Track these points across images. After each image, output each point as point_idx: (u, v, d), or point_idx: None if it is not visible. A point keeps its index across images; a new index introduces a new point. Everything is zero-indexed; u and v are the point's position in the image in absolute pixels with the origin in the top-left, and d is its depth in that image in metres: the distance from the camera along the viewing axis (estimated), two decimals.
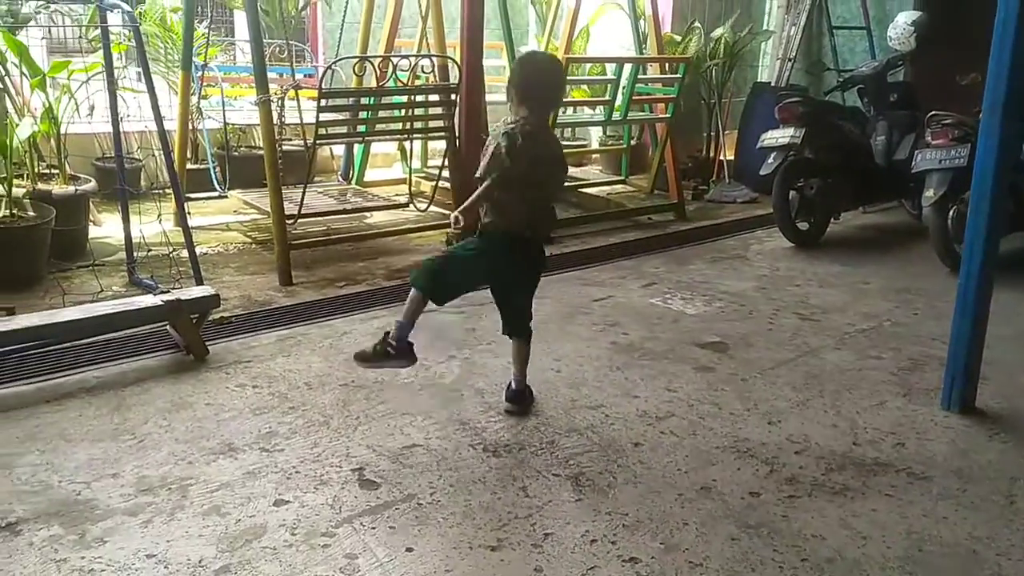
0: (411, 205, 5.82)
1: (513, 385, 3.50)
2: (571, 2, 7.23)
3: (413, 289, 3.24)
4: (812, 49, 8.68)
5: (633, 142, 7.91)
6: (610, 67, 7.36)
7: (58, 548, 2.47)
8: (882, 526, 2.74)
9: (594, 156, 8.78)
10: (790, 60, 8.28)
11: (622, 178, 7.79)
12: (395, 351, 3.26)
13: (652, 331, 4.42)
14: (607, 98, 6.43)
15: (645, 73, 6.96)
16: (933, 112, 5.57)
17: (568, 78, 6.23)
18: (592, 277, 5.32)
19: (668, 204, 7.05)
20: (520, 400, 3.48)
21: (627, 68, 6.45)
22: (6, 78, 5.39)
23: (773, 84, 8.33)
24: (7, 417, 3.21)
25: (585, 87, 7.85)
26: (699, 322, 4.59)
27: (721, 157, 8.15)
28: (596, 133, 8.78)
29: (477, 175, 3.20)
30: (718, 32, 7.97)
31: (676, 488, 2.93)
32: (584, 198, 7.21)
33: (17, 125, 4.85)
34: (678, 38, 7.97)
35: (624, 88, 6.46)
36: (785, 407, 3.60)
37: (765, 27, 9.03)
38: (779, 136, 6.11)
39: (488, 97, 6.19)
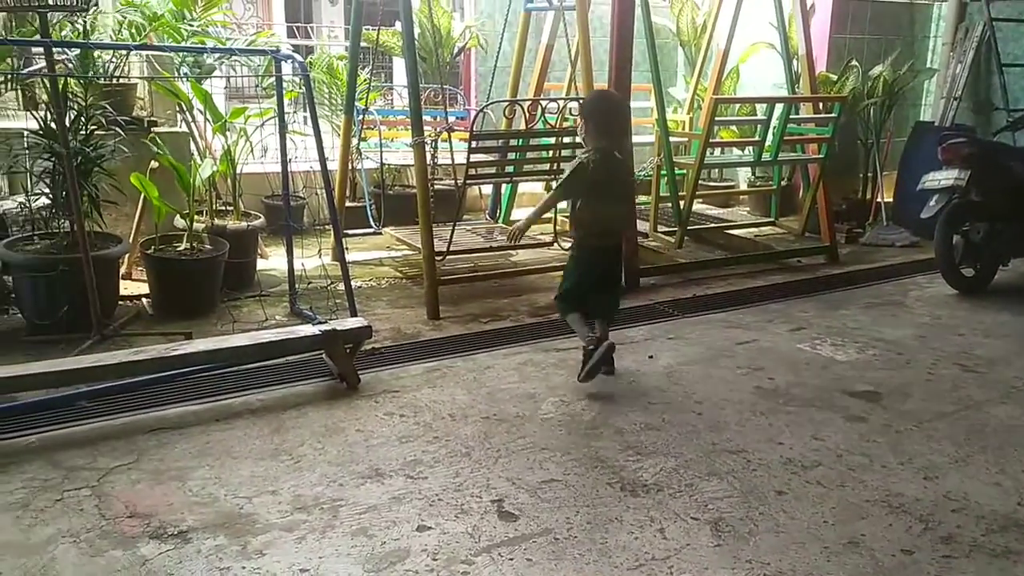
0: (556, 244, 5.91)
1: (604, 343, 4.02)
2: (721, 43, 7.22)
3: (568, 317, 4.15)
4: (979, 87, 8.24)
5: (784, 183, 7.74)
6: (760, 107, 7.27)
7: (222, 557, 2.66)
8: None
9: (742, 197, 8.65)
10: (955, 99, 7.89)
11: (771, 220, 7.62)
12: (594, 347, 3.98)
13: (799, 377, 4.30)
14: (756, 138, 6.35)
15: (797, 113, 6.82)
16: None
17: (716, 119, 6.23)
18: (737, 320, 5.22)
19: (820, 247, 6.84)
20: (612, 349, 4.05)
21: (778, 108, 6.35)
22: (192, 123, 5.91)
23: (936, 124, 7.95)
24: (183, 433, 3.49)
25: (734, 128, 7.77)
26: (850, 369, 4.42)
27: (879, 199, 7.84)
28: (744, 174, 8.65)
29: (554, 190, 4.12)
30: (877, 70, 7.72)
31: (822, 541, 2.83)
32: (730, 239, 7.10)
33: (199, 166, 5.30)
34: (834, 77, 7.77)
35: (775, 128, 6.35)
36: (943, 462, 3.41)
37: (928, 65, 8.66)
38: (942, 178, 5.83)
39: (635, 139, 6.24)
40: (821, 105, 6.85)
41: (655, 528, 2.88)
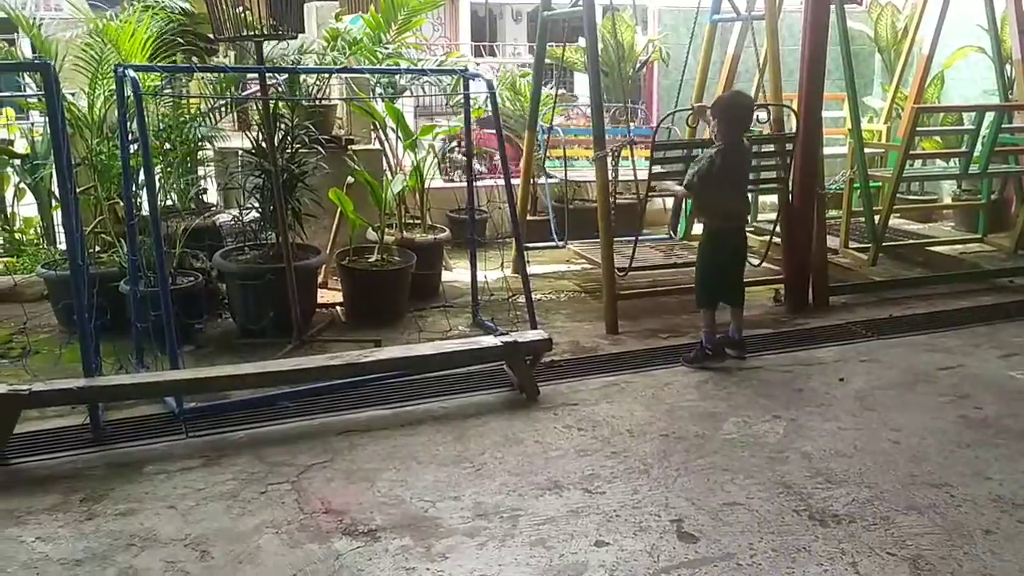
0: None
1: (737, 336, 4.59)
2: (924, 48, 6.80)
3: (702, 310, 4.55)
4: None
5: (993, 196, 7.14)
6: (968, 116, 6.77)
7: (408, 558, 2.77)
8: None
9: (945, 212, 8.07)
10: None
11: (979, 236, 7.06)
12: (712, 352, 4.50)
13: (1011, 407, 3.94)
14: (963, 149, 5.91)
15: (1011, 122, 6.29)
16: None
17: (918, 129, 5.86)
18: (939, 343, 4.87)
19: None
20: (743, 347, 4.59)
21: (988, 116, 5.89)
22: (385, 141, 6.22)
23: None
24: (372, 437, 3.66)
25: (937, 138, 7.28)
26: None
27: None
28: (948, 187, 8.07)
29: (686, 183, 4.54)
30: None
31: None
32: (931, 257, 6.63)
33: (391, 182, 5.57)
34: None
35: (984, 138, 5.89)
36: None
37: None
38: None
39: (826, 150, 5.96)
40: None
41: (847, 561, 2.73)
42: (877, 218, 6.04)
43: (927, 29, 6.82)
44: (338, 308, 5.44)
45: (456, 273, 6.31)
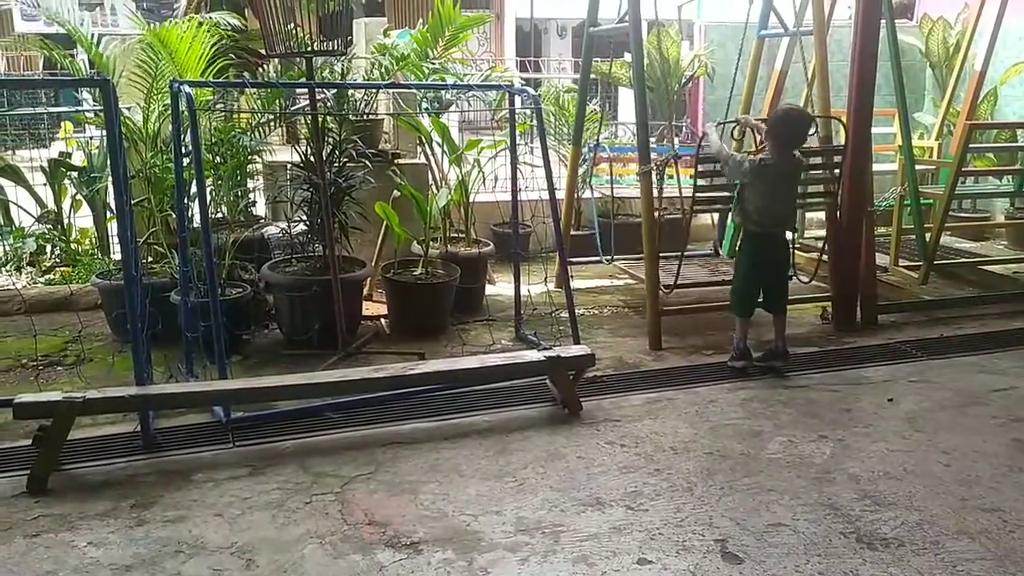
0: (793, 278, 5.62)
1: (781, 346, 4.62)
2: (977, 64, 6.68)
3: (740, 318, 4.63)
4: None
5: None
6: (1022, 133, 6.64)
7: (450, 571, 2.78)
8: None
9: (997, 230, 7.89)
10: None
11: None
12: (738, 356, 4.61)
13: None
14: (1018, 167, 5.79)
15: None
16: None
17: (971, 145, 5.76)
18: (992, 364, 4.76)
19: None
20: (786, 356, 4.60)
21: None
22: (431, 155, 6.27)
23: None
24: (415, 449, 3.68)
25: (991, 155, 7.14)
26: None
27: None
28: (1001, 205, 7.90)
29: (719, 159, 4.65)
30: None
31: None
32: (984, 276, 6.49)
33: (436, 195, 5.62)
34: None
35: None
36: None
37: None
38: None
39: (875, 167, 5.87)
40: None
41: None
42: (928, 236, 5.94)
43: (980, 44, 6.71)
44: (382, 320, 5.49)
45: (499, 287, 6.33)
